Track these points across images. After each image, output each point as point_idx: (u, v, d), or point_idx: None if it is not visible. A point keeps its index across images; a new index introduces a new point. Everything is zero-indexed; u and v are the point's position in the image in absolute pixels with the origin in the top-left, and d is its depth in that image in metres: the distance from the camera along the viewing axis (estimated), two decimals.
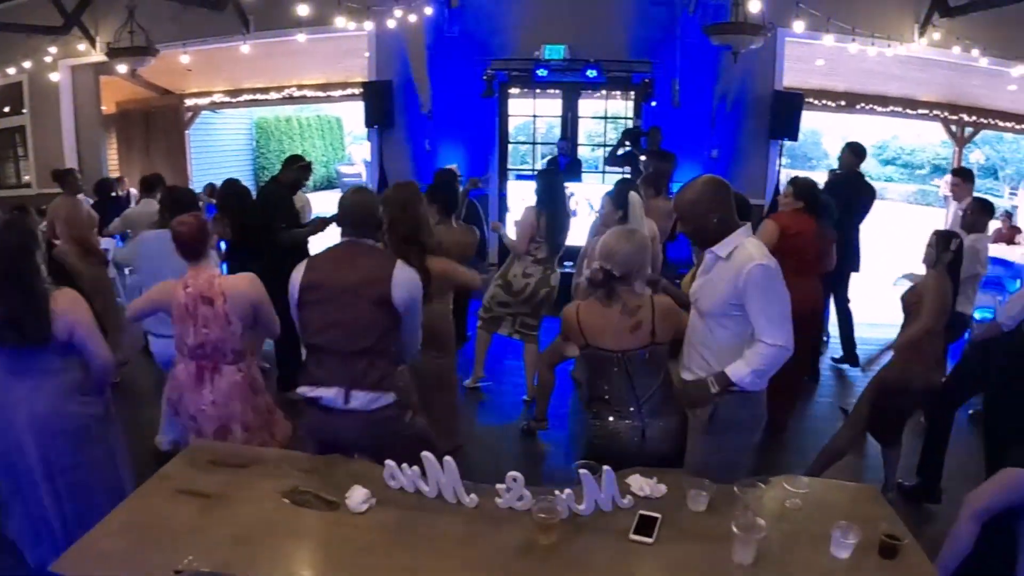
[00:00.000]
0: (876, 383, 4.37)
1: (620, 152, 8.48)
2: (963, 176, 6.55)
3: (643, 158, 8.11)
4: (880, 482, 4.45)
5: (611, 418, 3.03)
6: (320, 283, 3.01)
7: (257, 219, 5.68)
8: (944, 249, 4.24)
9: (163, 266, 3.93)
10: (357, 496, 2.49)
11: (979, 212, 5.56)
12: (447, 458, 2.52)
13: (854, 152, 6.78)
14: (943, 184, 17.82)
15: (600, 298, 3.04)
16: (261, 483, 2.63)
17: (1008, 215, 13.15)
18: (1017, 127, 12.46)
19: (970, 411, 5.29)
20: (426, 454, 2.53)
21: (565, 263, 6.31)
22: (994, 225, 5.79)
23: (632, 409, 3.00)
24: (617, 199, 4.83)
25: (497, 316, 5.67)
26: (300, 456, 2.94)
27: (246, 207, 5.89)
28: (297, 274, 3.08)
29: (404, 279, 3.00)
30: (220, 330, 3.28)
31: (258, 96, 13.15)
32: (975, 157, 19.70)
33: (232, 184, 6.21)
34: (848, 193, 6.52)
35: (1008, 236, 10.80)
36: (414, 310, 3.09)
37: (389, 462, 2.61)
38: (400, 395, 3.09)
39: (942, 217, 12.27)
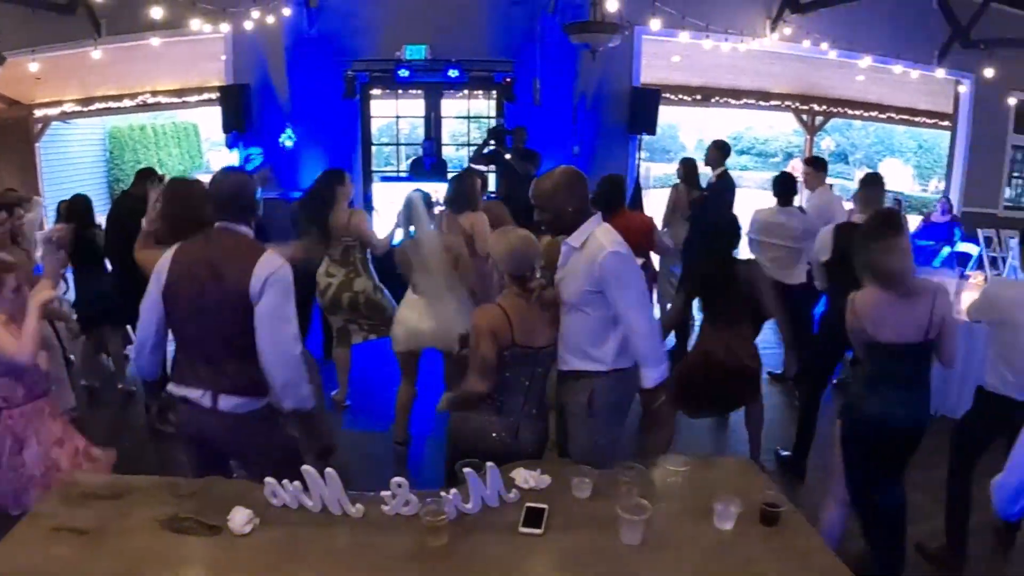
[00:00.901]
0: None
1: (485, 151, 8.56)
2: (814, 165, 6.72)
3: (508, 156, 8.23)
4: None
5: (483, 416, 3.02)
6: (185, 276, 2.79)
7: (94, 234, 5.47)
8: None
9: None
10: (239, 518, 2.39)
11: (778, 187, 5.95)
12: (329, 470, 2.46)
13: (719, 149, 7.24)
14: (791, 167, 18.84)
15: (518, 293, 3.02)
16: (139, 513, 2.48)
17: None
18: (865, 114, 13.34)
19: (835, 380, 5.60)
20: (306, 468, 2.46)
21: None
22: (848, 207, 6.18)
23: (516, 408, 3.02)
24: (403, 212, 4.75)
25: (341, 328, 5.53)
26: (177, 481, 2.77)
27: (88, 222, 5.65)
28: (164, 263, 2.86)
29: (263, 270, 2.72)
30: None
31: (111, 104, 12.44)
32: (826, 144, 20.92)
33: (76, 199, 5.92)
34: (716, 195, 6.98)
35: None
36: (270, 307, 2.73)
37: (269, 479, 2.53)
38: (272, 401, 2.91)
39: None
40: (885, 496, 3.38)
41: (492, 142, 8.51)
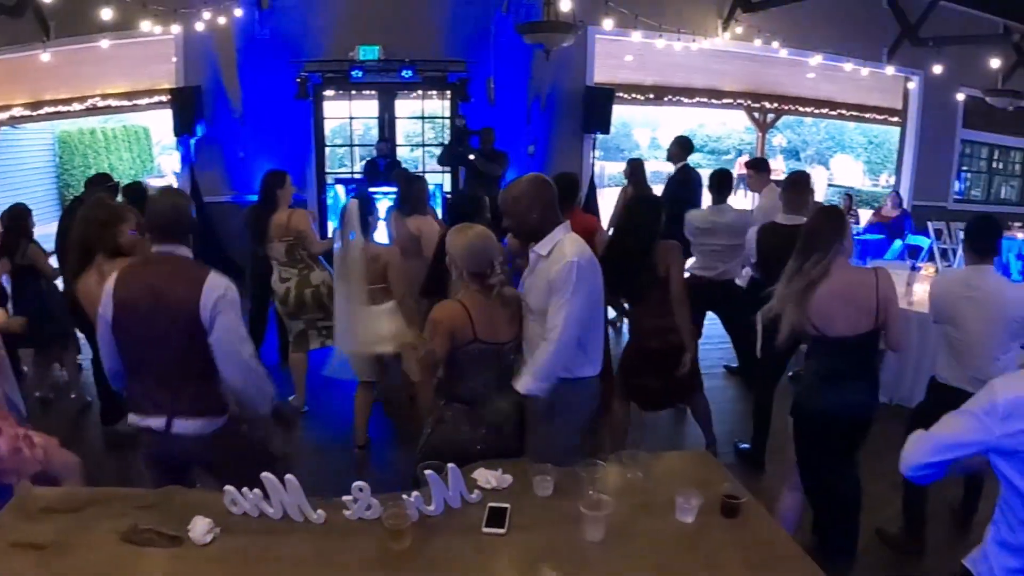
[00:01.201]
0: None
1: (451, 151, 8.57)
2: (756, 167, 6.62)
3: (472, 157, 8.22)
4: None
5: (466, 424, 2.99)
6: (132, 302, 2.76)
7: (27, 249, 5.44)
8: None
9: None
10: (200, 527, 2.35)
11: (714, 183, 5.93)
12: (289, 476, 2.43)
13: (681, 146, 7.35)
14: (738, 164, 19.11)
15: (478, 290, 2.99)
16: (98, 526, 2.43)
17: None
18: (816, 111, 13.51)
19: (790, 373, 5.68)
20: (266, 475, 2.42)
21: None
22: None
23: (492, 410, 2.99)
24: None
25: (300, 332, 5.49)
26: (135, 492, 2.71)
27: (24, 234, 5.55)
28: (108, 290, 2.82)
29: (211, 294, 2.73)
30: None
31: (60, 108, 12.17)
32: (778, 141, 21.22)
33: (15, 209, 5.77)
34: (675, 187, 7.09)
35: None
36: (225, 331, 2.76)
37: (228, 488, 2.48)
38: (233, 412, 2.91)
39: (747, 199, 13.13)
40: (837, 485, 3.44)
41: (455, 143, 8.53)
